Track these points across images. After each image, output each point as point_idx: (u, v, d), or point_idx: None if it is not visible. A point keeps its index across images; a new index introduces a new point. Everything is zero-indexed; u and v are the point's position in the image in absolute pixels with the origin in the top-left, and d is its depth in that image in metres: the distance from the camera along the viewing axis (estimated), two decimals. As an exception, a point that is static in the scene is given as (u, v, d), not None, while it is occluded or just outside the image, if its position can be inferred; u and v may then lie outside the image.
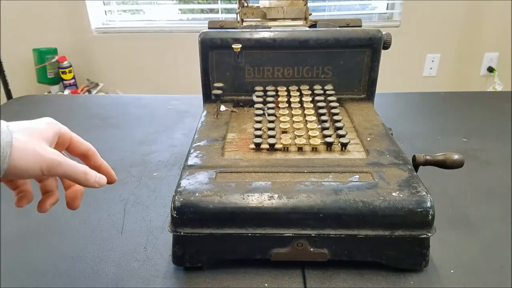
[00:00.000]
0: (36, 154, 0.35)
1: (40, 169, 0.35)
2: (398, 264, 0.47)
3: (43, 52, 2.17)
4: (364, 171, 0.49)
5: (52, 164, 0.35)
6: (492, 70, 2.29)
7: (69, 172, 0.37)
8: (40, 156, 0.35)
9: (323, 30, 0.66)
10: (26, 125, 0.36)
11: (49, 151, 0.36)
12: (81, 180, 0.39)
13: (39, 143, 0.36)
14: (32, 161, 0.34)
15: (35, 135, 0.36)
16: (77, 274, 0.48)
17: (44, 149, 0.36)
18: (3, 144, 0.33)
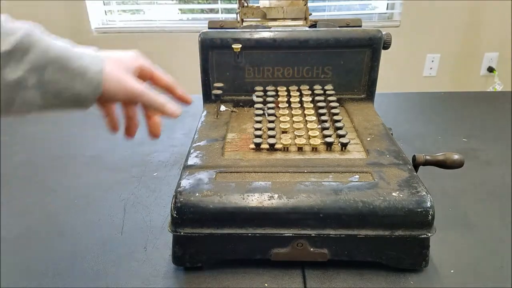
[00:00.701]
0: (123, 82, 0.39)
1: (125, 96, 0.39)
2: (398, 264, 0.47)
3: (43, 52, 2.17)
4: (364, 171, 0.49)
5: (136, 92, 0.40)
6: (492, 70, 2.29)
7: (150, 101, 0.41)
8: (126, 84, 0.39)
9: (323, 30, 0.66)
10: (114, 56, 0.40)
11: (133, 80, 0.40)
12: (160, 109, 0.43)
13: (124, 73, 0.40)
14: (118, 89, 0.39)
15: (121, 65, 0.40)
16: (77, 274, 0.48)
17: (129, 78, 0.40)
18: (97, 71, 0.37)
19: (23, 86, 0.33)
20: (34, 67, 0.34)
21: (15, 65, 0.33)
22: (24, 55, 0.33)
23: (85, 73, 0.36)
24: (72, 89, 0.36)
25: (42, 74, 0.34)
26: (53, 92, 0.35)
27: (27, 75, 0.33)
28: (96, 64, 0.37)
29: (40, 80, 0.34)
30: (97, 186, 0.65)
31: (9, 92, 0.33)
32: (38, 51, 0.34)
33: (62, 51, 0.35)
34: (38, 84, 0.34)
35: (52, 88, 0.35)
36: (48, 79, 0.35)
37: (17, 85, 0.33)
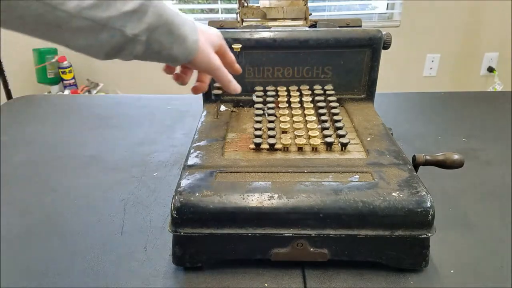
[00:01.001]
0: (208, 56, 0.46)
1: (206, 68, 0.47)
2: (398, 264, 0.47)
3: (43, 52, 2.17)
4: (364, 171, 0.49)
5: (214, 66, 0.48)
6: (492, 70, 2.29)
7: (221, 77, 0.49)
8: (210, 58, 0.47)
9: (323, 30, 0.66)
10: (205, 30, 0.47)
11: (215, 56, 0.48)
12: (225, 84, 0.51)
13: (211, 48, 0.47)
14: (203, 61, 0.46)
15: (209, 40, 0.47)
16: (77, 274, 0.48)
17: (213, 53, 0.47)
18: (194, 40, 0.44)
19: (135, 41, 0.39)
20: (149, 27, 0.39)
21: (134, 23, 0.38)
22: (143, 16, 0.38)
23: (184, 40, 0.43)
24: (170, 51, 0.42)
25: (152, 34, 0.40)
26: (155, 50, 0.41)
27: (141, 34, 0.39)
28: (194, 34, 0.44)
29: (149, 38, 0.40)
30: (97, 186, 0.65)
31: (123, 43, 0.39)
32: (154, 14, 0.39)
33: (172, 16, 0.41)
34: (146, 41, 0.40)
35: (155, 47, 0.41)
36: (155, 39, 0.40)
37: (132, 40, 0.39)
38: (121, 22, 0.37)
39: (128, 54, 0.40)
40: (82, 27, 0.35)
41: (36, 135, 0.84)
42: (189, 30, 0.43)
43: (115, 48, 0.39)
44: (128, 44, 0.39)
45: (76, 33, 0.36)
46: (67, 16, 0.34)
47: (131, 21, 0.38)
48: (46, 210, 0.59)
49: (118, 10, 0.36)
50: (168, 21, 0.41)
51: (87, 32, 0.36)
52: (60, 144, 0.80)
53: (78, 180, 0.67)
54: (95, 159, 0.74)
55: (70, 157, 0.75)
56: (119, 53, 0.40)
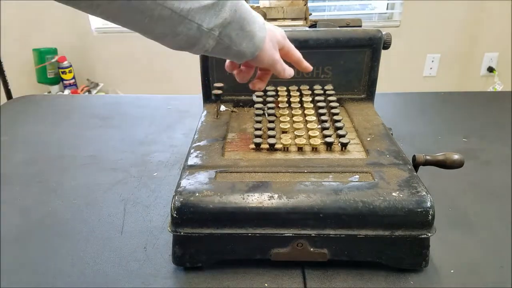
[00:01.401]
0: (271, 52, 0.48)
1: (268, 62, 0.49)
2: (398, 264, 0.47)
3: (43, 52, 2.17)
4: (364, 171, 0.49)
5: (274, 61, 0.49)
6: (492, 70, 2.29)
7: (278, 67, 0.51)
8: (272, 54, 0.48)
9: (323, 30, 0.66)
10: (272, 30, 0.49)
11: (276, 52, 0.49)
12: (281, 74, 0.52)
13: (274, 45, 0.49)
14: (267, 56, 0.48)
15: (274, 38, 0.48)
16: (77, 274, 0.48)
17: (275, 50, 0.49)
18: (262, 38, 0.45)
19: (209, 35, 0.40)
20: (223, 22, 0.40)
21: (211, 17, 0.39)
22: (220, 11, 0.39)
23: (253, 37, 0.44)
24: (239, 46, 0.44)
25: (225, 29, 0.41)
26: (226, 44, 0.42)
27: (216, 28, 0.40)
28: (262, 32, 0.45)
29: (221, 33, 0.41)
30: (97, 186, 0.65)
31: (198, 37, 0.40)
32: (230, 9, 0.40)
33: (245, 12, 0.42)
34: (218, 36, 0.41)
35: (226, 42, 0.42)
36: (227, 34, 0.41)
37: (207, 33, 0.40)
38: (200, 16, 0.38)
39: (201, 48, 0.41)
40: (163, 17, 0.36)
41: (36, 135, 0.84)
42: (258, 27, 0.44)
43: (190, 41, 0.40)
44: (202, 38, 0.40)
45: (156, 22, 0.37)
46: (152, 3, 0.35)
47: (208, 15, 0.39)
48: (46, 210, 0.59)
49: (198, 3, 0.37)
50: (242, 17, 0.42)
51: (167, 22, 0.37)
52: (60, 144, 0.80)
53: (78, 180, 0.67)
54: (95, 159, 0.74)
55: (70, 157, 0.74)
56: (193, 46, 0.41)
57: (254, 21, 0.44)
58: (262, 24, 0.45)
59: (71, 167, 0.71)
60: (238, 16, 0.41)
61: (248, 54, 0.45)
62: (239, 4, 0.41)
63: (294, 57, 0.53)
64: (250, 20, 0.43)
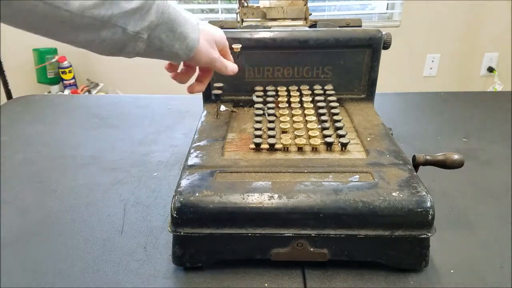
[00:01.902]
0: (208, 51, 0.49)
1: (205, 62, 0.50)
2: (398, 264, 0.47)
3: (43, 52, 2.17)
4: (364, 171, 0.49)
5: (212, 60, 0.50)
6: (492, 70, 2.29)
7: (219, 66, 0.52)
8: (209, 53, 0.49)
9: (323, 30, 0.66)
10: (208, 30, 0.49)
11: (214, 51, 0.50)
12: (223, 71, 0.53)
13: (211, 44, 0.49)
14: (203, 55, 0.48)
15: (211, 37, 0.49)
16: (77, 274, 0.48)
17: (213, 49, 0.50)
18: (195, 38, 0.46)
19: (137, 38, 0.40)
20: (150, 25, 0.40)
21: (137, 21, 0.39)
22: (146, 14, 0.39)
23: (185, 39, 0.45)
24: (171, 48, 0.44)
25: (154, 31, 0.41)
26: (157, 47, 0.43)
27: (143, 31, 0.40)
28: (195, 33, 0.46)
29: (150, 35, 0.41)
30: (97, 186, 0.65)
31: (125, 41, 0.40)
32: (157, 12, 0.40)
33: (174, 15, 0.42)
34: (148, 39, 0.41)
35: (157, 44, 0.42)
36: (156, 36, 0.42)
37: (133, 37, 0.40)
38: (124, 20, 0.38)
39: (131, 51, 0.41)
40: (84, 25, 0.36)
41: (36, 135, 0.84)
42: (190, 28, 0.45)
43: (117, 45, 0.40)
44: (130, 42, 0.40)
45: (78, 30, 0.37)
46: (70, 15, 0.35)
47: (133, 19, 0.38)
48: (46, 210, 0.59)
49: (121, 8, 0.37)
50: (170, 19, 0.42)
51: (89, 29, 0.37)
52: (60, 144, 0.80)
53: (78, 180, 0.67)
54: (95, 159, 0.74)
55: (70, 157, 0.74)
56: (122, 50, 0.41)
57: (185, 22, 0.44)
58: (195, 25, 0.46)
59: (71, 167, 0.71)
60: (166, 18, 0.41)
61: (182, 55, 0.46)
62: (166, 6, 0.41)
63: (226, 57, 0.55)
64: (181, 21, 0.43)
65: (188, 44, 0.45)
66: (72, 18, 0.35)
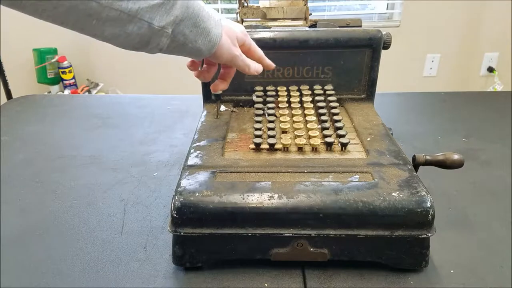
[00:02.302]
0: (229, 47, 0.48)
1: (227, 58, 0.49)
2: (398, 264, 0.47)
3: (43, 52, 2.17)
4: (364, 171, 0.49)
5: (234, 57, 0.49)
6: (492, 70, 2.29)
7: (241, 63, 0.51)
8: (231, 49, 0.48)
9: (323, 30, 0.66)
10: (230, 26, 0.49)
11: (236, 48, 0.49)
12: (246, 70, 0.52)
13: (233, 41, 0.49)
14: (225, 51, 0.48)
15: (232, 34, 0.49)
16: (77, 274, 0.48)
17: (234, 45, 0.49)
18: (218, 34, 0.45)
19: (162, 33, 0.40)
20: (175, 20, 0.40)
21: (162, 15, 0.39)
22: (171, 9, 0.39)
23: (208, 34, 0.44)
24: (195, 44, 0.43)
25: (178, 26, 0.41)
26: (180, 42, 0.42)
27: (168, 26, 0.40)
28: (217, 28, 0.45)
29: (174, 30, 0.40)
30: (97, 186, 0.65)
31: (150, 36, 0.39)
32: (181, 6, 0.40)
33: (198, 9, 0.42)
34: (172, 33, 0.41)
35: (180, 39, 0.42)
36: (180, 31, 0.41)
37: (158, 32, 0.39)
38: (150, 14, 0.38)
39: (154, 47, 0.41)
40: (111, 18, 0.36)
41: (36, 135, 0.84)
42: (213, 24, 0.44)
43: (142, 40, 0.40)
44: (155, 37, 0.40)
45: (105, 24, 0.37)
46: (98, 7, 0.35)
47: (159, 13, 0.38)
48: (46, 210, 0.59)
49: (147, 2, 0.37)
50: (194, 14, 0.41)
51: (115, 23, 0.37)
52: (60, 144, 0.80)
53: (78, 180, 0.67)
54: (95, 159, 0.74)
55: (70, 157, 0.74)
56: (146, 45, 0.41)
57: (208, 18, 0.44)
58: (217, 20, 0.45)
59: (71, 167, 0.71)
60: (190, 13, 0.41)
61: (204, 50, 0.45)
62: (191, 1, 0.41)
63: (256, 54, 0.54)
64: (204, 16, 0.43)
65: (211, 40, 0.45)
66: (100, 10, 0.35)
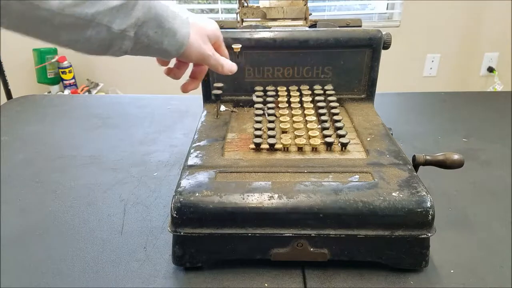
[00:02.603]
0: (199, 46, 0.46)
1: (197, 58, 0.47)
2: (398, 264, 0.47)
3: (43, 52, 2.17)
4: (364, 171, 0.49)
5: (205, 56, 0.48)
6: (492, 70, 2.29)
7: (213, 62, 0.50)
8: (201, 48, 0.47)
9: (323, 30, 0.66)
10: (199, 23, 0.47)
11: (207, 46, 0.48)
12: (219, 69, 0.51)
13: (203, 39, 0.47)
14: (194, 51, 0.46)
15: (202, 31, 0.47)
16: (77, 274, 0.48)
17: (204, 44, 0.47)
18: (185, 33, 0.44)
19: (123, 36, 0.38)
20: (137, 22, 0.38)
21: (122, 18, 0.37)
22: (131, 11, 0.38)
23: (174, 34, 0.42)
24: (160, 45, 0.42)
25: (141, 28, 0.39)
26: (145, 44, 0.41)
27: (129, 29, 0.38)
28: (185, 28, 0.44)
29: (137, 33, 0.39)
30: (97, 186, 0.65)
31: (111, 39, 0.38)
32: (143, 8, 0.38)
33: (161, 10, 0.40)
34: (135, 36, 0.39)
35: (144, 41, 0.41)
36: (144, 33, 0.40)
37: (119, 35, 0.38)
38: (108, 18, 0.36)
39: (117, 50, 0.40)
40: (66, 24, 0.35)
41: (36, 135, 0.84)
42: (180, 23, 0.43)
43: (103, 45, 0.38)
44: (116, 40, 0.38)
45: (60, 30, 0.35)
46: (49, 14, 0.34)
47: (118, 16, 0.37)
48: (46, 210, 0.59)
49: (105, 5, 0.36)
50: (158, 14, 0.40)
51: (71, 28, 0.35)
52: (60, 144, 0.80)
53: (78, 180, 0.67)
54: (95, 159, 0.74)
55: (70, 157, 0.74)
56: (108, 49, 0.39)
57: (174, 17, 0.42)
58: (185, 19, 0.44)
59: (71, 167, 0.71)
60: (153, 14, 0.39)
61: (172, 51, 0.44)
62: (153, 1, 0.39)
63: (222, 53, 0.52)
64: (169, 16, 0.41)
65: (178, 40, 0.43)
66: (52, 17, 0.34)
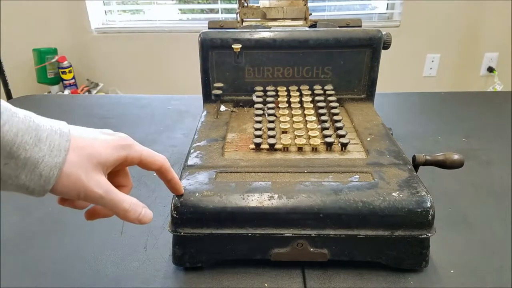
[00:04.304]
0: (79, 181, 0.34)
1: (77, 196, 0.34)
2: (398, 264, 0.47)
3: (43, 52, 2.17)
4: (364, 171, 0.49)
5: (91, 195, 0.34)
6: (492, 70, 2.29)
7: (108, 206, 0.36)
8: (83, 184, 0.34)
9: (323, 30, 0.66)
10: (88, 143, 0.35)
11: (93, 182, 0.34)
12: (120, 216, 0.37)
13: (88, 170, 0.34)
14: (72, 187, 0.34)
15: (90, 158, 0.34)
16: (77, 274, 0.48)
17: (90, 178, 0.34)
18: (54, 164, 0.32)
19: None
20: None
21: None
22: None
23: (35, 166, 0.31)
24: (16, 180, 0.31)
25: None
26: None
27: None
28: (54, 156, 0.32)
29: None
30: (97, 186, 0.65)
31: None
32: None
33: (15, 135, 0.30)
34: None
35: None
36: None
37: None
38: None
39: None
40: None
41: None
42: (46, 151, 0.32)
43: None
44: None
45: None
46: None
47: None
48: (46, 210, 0.59)
49: None
50: (8, 141, 0.30)
51: None
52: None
53: (78, 180, 0.67)
54: (95, 159, 0.73)
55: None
56: None
57: (38, 142, 0.31)
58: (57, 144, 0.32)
59: (71, 167, 0.71)
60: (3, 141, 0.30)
61: (35, 188, 0.32)
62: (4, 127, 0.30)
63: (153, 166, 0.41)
64: (27, 143, 0.31)
65: (41, 173, 0.32)
66: None
